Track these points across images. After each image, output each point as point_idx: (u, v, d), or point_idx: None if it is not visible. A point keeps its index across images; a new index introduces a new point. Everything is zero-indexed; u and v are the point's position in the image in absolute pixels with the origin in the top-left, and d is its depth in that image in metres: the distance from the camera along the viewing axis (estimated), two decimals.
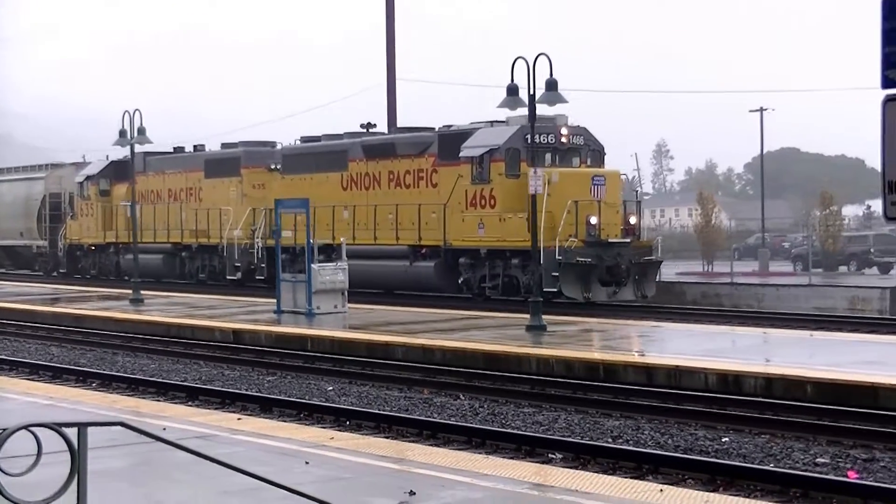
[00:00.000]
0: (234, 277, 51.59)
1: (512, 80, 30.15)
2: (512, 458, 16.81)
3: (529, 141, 36.97)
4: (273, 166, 51.25)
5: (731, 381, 22.01)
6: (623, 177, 44.02)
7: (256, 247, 50.06)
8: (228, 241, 51.02)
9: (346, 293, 36.78)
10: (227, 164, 53.04)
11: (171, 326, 35.34)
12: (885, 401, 19.74)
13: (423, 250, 43.72)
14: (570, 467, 16.11)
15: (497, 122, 42.53)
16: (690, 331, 31.13)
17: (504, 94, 30.37)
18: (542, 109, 31.99)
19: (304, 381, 26.11)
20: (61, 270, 63.32)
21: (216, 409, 21.99)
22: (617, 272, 39.41)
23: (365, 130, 49.16)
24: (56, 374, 27.60)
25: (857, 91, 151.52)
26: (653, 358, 24.14)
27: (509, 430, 19.37)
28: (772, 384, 21.44)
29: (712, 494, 13.74)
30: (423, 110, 55.73)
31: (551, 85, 29.98)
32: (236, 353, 30.79)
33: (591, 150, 42.13)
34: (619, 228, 40.50)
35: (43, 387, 23.20)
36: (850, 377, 20.95)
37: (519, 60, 29.98)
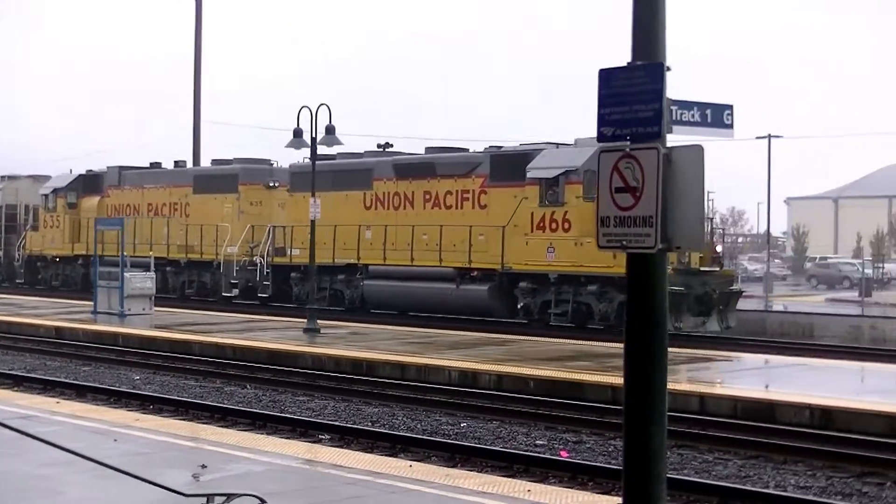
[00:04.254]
0: (230, 294, 43.75)
1: (297, 124, 30.18)
2: (288, 438, 16.68)
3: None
4: (272, 184, 43.91)
5: (469, 377, 22.21)
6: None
7: (259, 264, 42.39)
8: (226, 257, 43.45)
9: (153, 298, 36.01)
10: (221, 180, 45.25)
11: (1, 323, 34.15)
12: (590, 394, 20.15)
13: (474, 273, 35.93)
14: (336, 446, 16.04)
15: (562, 144, 34.96)
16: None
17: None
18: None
19: (115, 371, 25.54)
20: (18, 281, 54.22)
21: (38, 393, 21.31)
22: (707, 301, 32.51)
23: (382, 150, 41.79)
24: None
25: None
26: (406, 357, 24.20)
27: (286, 415, 19.23)
28: (502, 380, 21.69)
29: (452, 469, 13.85)
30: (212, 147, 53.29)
31: (330, 130, 30.18)
32: (58, 346, 29.89)
33: None
34: (704, 256, 33.39)
35: None
36: (563, 375, 21.33)
37: (304, 109, 29.96)
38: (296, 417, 18.92)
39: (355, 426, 18.09)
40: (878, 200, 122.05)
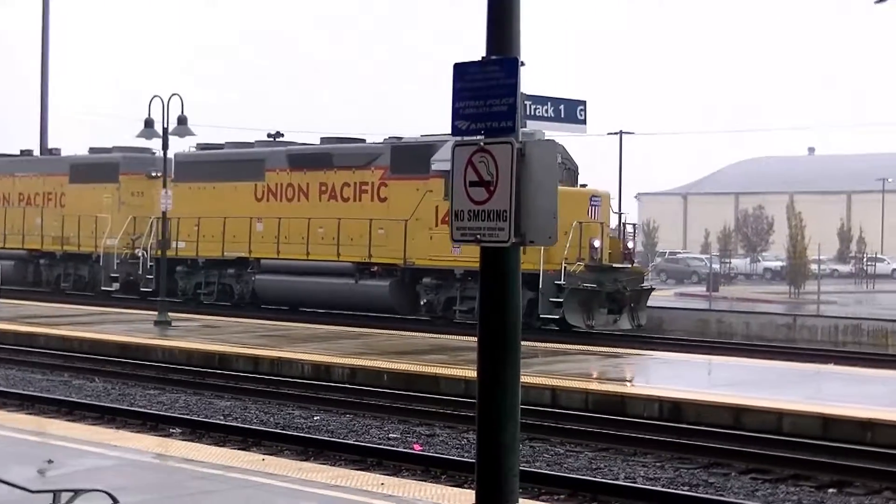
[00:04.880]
0: (111, 289, 41.55)
1: (149, 114, 29.77)
2: (138, 432, 16.46)
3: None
4: (154, 174, 40.75)
5: (323, 370, 22.14)
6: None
7: (142, 257, 39.91)
8: (105, 250, 41.23)
9: None
10: (101, 169, 42.79)
11: None
12: (444, 387, 20.23)
13: (374, 268, 34.49)
14: (188, 440, 15.86)
15: None
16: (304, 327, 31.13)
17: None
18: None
19: None
20: None
21: None
22: (619, 299, 31.62)
23: (273, 139, 39.91)
24: None
25: None
26: (259, 350, 24.03)
27: (136, 409, 18.97)
28: (356, 373, 21.67)
29: (305, 463, 13.80)
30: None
31: (182, 120, 29.85)
32: None
33: (567, 169, 32.83)
34: (614, 252, 32.39)
35: None
36: (418, 369, 21.39)
37: (155, 98, 29.58)
38: (146, 411, 18.67)
39: (207, 420, 17.93)
40: (726, 197, 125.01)
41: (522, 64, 7.03)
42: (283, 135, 40.33)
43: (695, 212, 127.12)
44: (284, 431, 17.02)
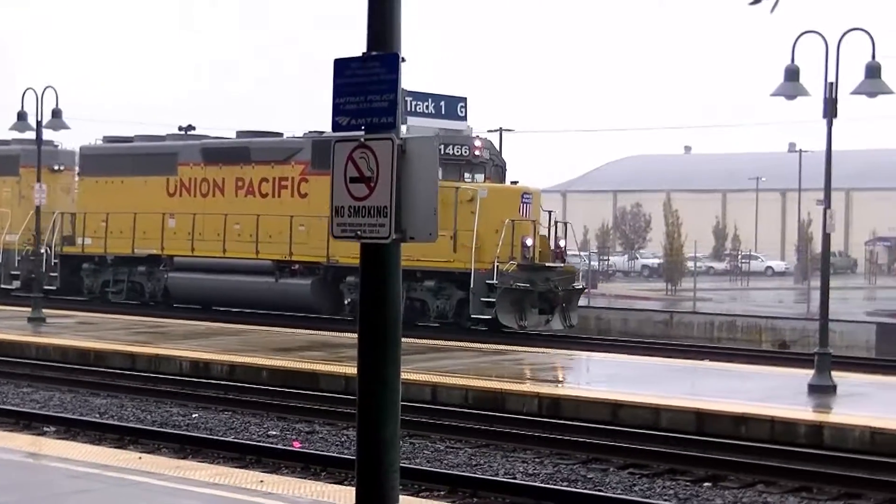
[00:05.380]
0: (11, 287, 39.48)
1: (22, 107, 29.19)
2: (11, 431, 16.13)
3: (443, 152, 27.61)
4: (56, 167, 39.55)
5: (201, 367, 21.95)
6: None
7: (45, 254, 36.56)
8: (5, 246, 39.45)
9: None
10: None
11: None
12: (324, 384, 20.18)
13: (296, 266, 33.33)
14: (63, 439, 15.63)
15: None
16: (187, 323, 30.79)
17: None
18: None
19: None
20: None
21: None
22: (552, 299, 30.46)
23: (185, 133, 38.08)
24: None
25: None
26: (136, 347, 23.73)
27: (8, 407, 18.62)
28: (235, 370, 21.52)
29: (183, 461, 13.66)
30: None
31: (57, 113, 29.30)
32: None
33: (495, 166, 32.06)
34: (544, 251, 31.04)
35: None
36: (297, 365, 21.31)
37: (29, 91, 29.03)
38: (19, 409, 18.35)
39: (82, 418, 17.69)
40: (604, 194, 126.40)
41: (403, 60, 7.02)
42: (194, 127, 38.94)
43: (573, 209, 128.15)
44: (162, 429, 16.84)
